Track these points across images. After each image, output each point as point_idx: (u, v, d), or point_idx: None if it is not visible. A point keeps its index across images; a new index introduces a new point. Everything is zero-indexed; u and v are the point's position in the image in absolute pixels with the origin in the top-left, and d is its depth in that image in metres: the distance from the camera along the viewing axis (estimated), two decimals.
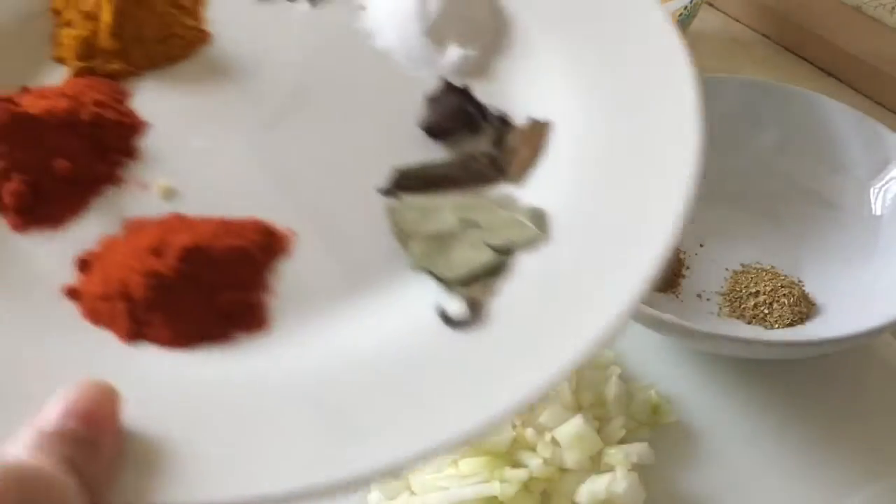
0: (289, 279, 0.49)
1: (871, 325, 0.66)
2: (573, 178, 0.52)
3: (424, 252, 0.48)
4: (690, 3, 0.94)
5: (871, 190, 0.80)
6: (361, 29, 0.63)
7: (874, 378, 0.71)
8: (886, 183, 0.79)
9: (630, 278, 0.45)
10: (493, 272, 0.47)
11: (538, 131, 0.55)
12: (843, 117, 0.80)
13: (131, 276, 0.46)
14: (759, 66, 0.98)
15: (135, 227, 0.51)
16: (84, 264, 0.49)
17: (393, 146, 0.55)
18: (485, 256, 0.47)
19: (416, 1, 0.60)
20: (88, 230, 0.51)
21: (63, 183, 0.52)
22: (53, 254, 0.50)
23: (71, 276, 0.49)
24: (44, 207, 0.51)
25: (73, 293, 0.48)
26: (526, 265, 0.47)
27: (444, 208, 0.51)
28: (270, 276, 0.49)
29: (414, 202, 0.51)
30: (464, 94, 0.55)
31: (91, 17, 0.60)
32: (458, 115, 0.55)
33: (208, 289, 0.47)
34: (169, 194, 0.53)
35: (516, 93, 0.58)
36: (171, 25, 0.61)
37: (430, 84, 0.59)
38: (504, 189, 0.53)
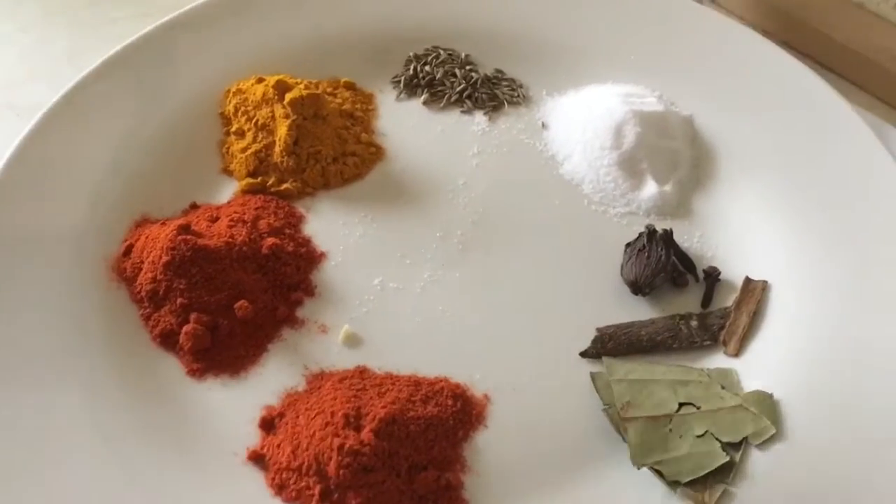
0: (485, 455, 0.45)
1: None
2: (800, 352, 0.47)
3: (644, 442, 0.43)
4: None
5: None
6: (545, 151, 0.58)
7: None
8: None
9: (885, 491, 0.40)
10: (724, 473, 0.42)
11: (754, 293, 0.50)
12: None
13: (324, 450, 0.43)
14: None
15: (318, 383, 0.47)
16: (267, 423, 0.46)
17: (591, 298, 0.51)
18: (714, 454, 0.42)
19: (610, 128, 0.56)
20: (268, 379, 0.48)
21: (242, 325, 0.49)
22: (231, 405, 0.46)
23: (252, 433, 0.45)
24: (222, 351, 0.48)
25: (257, 458, 0.44)
26: (760, 467, 0.42)
27: (657, 382, 0.46)
28: (467, 449, 0.45)
29: (621, 370, 0.47)
30: (668, 243, 0.51)
31: (265, 129, 0.56)
32: (663, 268, 0.50)
33: (406, 467, 0.43)
34: (351, 341, 0.49)
35: (721, 240, 0.53)
36: (346, 142, 0.57)
37: (626, 222, 0.54)
38: (717, 358, 0.48)
